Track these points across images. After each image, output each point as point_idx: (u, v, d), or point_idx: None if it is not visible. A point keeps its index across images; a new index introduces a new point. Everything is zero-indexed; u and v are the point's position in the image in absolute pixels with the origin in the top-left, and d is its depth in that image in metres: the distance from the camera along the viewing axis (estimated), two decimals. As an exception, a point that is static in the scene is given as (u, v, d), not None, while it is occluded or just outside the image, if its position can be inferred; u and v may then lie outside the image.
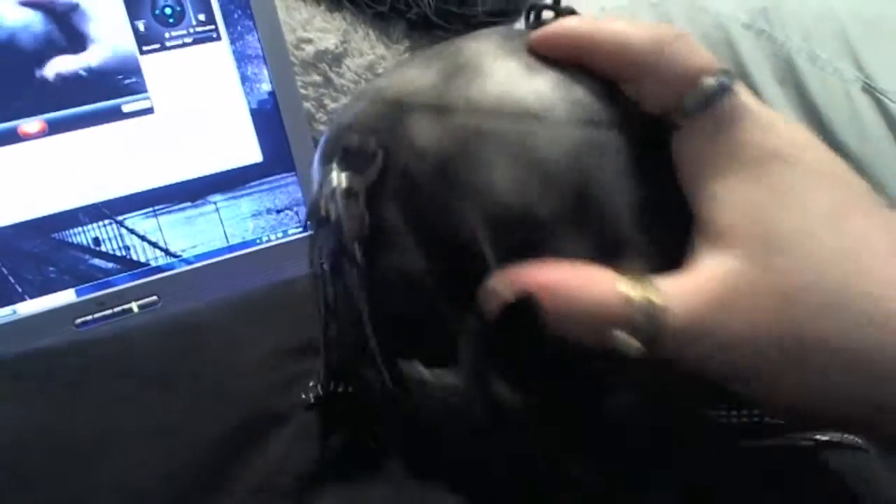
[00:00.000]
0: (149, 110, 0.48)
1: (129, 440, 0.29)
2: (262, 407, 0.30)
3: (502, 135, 0.24)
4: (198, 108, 0.49)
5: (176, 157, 0.49)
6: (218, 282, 0.49)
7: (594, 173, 0.24)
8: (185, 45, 0.49)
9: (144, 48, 0.48)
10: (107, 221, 0.48)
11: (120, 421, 0.30)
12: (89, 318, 0.48)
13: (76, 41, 0.46)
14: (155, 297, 0.49)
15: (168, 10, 0.48)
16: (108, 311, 0.47)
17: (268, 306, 0.38)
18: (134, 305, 0.48)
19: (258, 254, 0.52)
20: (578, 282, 0.22)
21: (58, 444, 0.29)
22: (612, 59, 0.23)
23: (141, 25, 0.47)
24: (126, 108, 0.48)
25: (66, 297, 0.48)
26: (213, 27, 0.49)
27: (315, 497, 0.28)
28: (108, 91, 0.47)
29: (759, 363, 0.21)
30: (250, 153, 0.51)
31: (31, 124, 0.46)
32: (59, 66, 0.46)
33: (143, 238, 0.50)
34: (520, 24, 0.28)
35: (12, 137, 0.45)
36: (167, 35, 0.48)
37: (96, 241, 0.49)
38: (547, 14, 0.27)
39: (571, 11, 0.26)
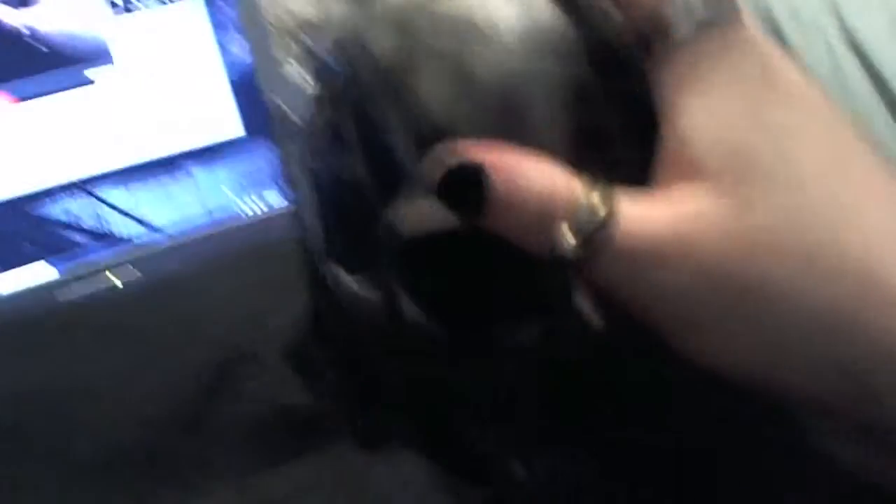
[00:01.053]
0: (116, 77, 0.47)
1: (105, 391, 0.29)
2: (233, 347, 0.31)
3: (445, 51, 0.23)
4: (171, 74, 0.48)
5: (150, 126, 0.48)
6: (201, 255, 0.49)
7: (530, 99, 0.23)
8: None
9: (113, 9, 0.46)
10: (83, 195, 0.47)
11: (95, 373, 0.30)
12: (71, 295, 0.47)
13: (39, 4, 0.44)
14: (138, 273, 0.48)
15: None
16: (92, 289, 0.46)
17: (232, 256, 0.39)
18: (116, 281, 0.47)
19: (241, 226, 0.51)
20: (532, 167, 0.21)
21: (35, 399, 0.29)
22: None
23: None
24: (91, 75, 0.46)
25: (46, 273, 0.47)
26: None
27: (289, 434, 0.29)
28: (74, 57, 0.45)
29: (708, 314, 0.19)
30: (230, 123, 0.50)
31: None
32: (19, 31, 0.44)
33: (120, 211, 0.49)
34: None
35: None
36: None
37: (73, 215, 0.47)
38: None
39: None
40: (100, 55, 0.46)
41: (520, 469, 0.26)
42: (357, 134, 0.26)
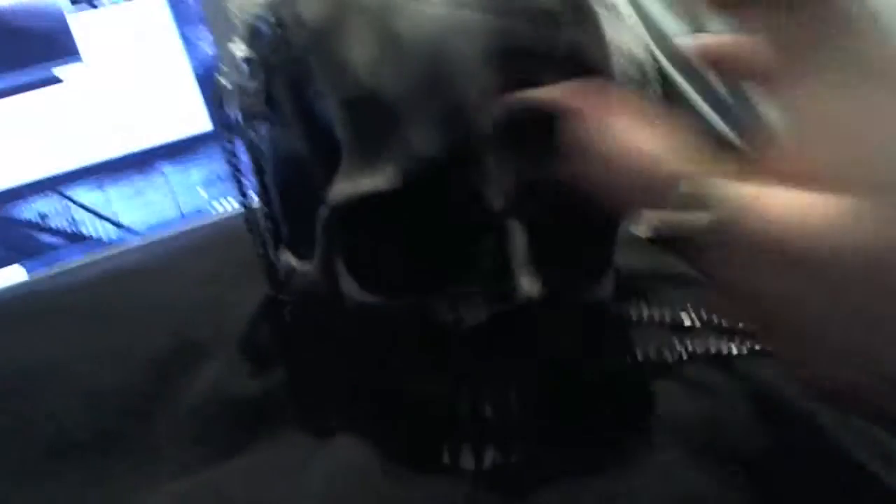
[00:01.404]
0: (83, 75, 0.46)
1: (58, 373, 0.29)
2: (188, 337, 0.31)
3: (368, 8, 0.23)
4: (138, 71, 0.48)
5: (119, 125, 0.48)
6: (166, 250, 0.48)
7: (454, 58, 0.22)
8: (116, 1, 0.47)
9: (74, 6, 0.46)
10: (53, 195, 0.47)
11: (49, 355, 0.30)
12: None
13: None
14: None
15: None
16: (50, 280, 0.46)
17: (197, 244, 0.38)
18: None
19: (212, 223, 0.51)
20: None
21: None
22: None
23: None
24: (59, 73, 0.46)
25: (16, 273, 0.47)
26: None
27: (242, 426, 0.28)
28: (40, 55, 0.45)
29: (835, 307, 0.18)
30: (197, 119, 0.50)
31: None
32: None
33: (91, 211, 0.48)
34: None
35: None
36: (100, -3, 0.46)
37: (43, 216, 0.47)
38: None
39: None
40: (68, 52, 0.46)
41: (468, 457, 0.25)
42: (290, 97, 0.25)
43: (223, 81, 0.27)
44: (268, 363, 0.30)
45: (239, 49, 0.26)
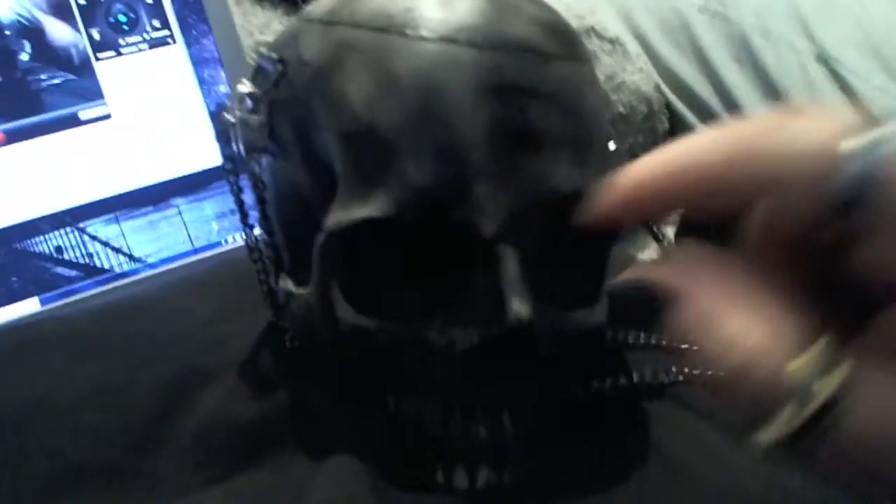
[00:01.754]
0: (106, 116, 0.48)
1: (61, 407, 0.29)
2: (192, 366, 0.31)
3: (365, 47, 0.24)
4: (156, 112, 0.50)
5: (136, 162, 0.50)
6: (174, 280, 0.49)
7: (446, 92, 0.23)
8: (140, 50, 0.49)
9: (99, 55, 0.48)
10: (69, 229, 0.49)
11: (52, 389, 0.30)
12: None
13: (30, 50, 0.46)
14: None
15: (122, 17, 0.48)
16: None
17: (202, 278, 0.39)
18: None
19: (221, 255, 0.52)
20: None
21: None
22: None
23: (95, 33, 0.48)
24: (83, 115, 0.48)
25: (31, 306, 0.48)
26: (167, 32, 0.50)
27: (245, 451, 0.29)
28: (65, 99, 0.47)
29: None
30: (210, 155, 0.51)
31: (-13, 134, 0.46)
32: (14, 74, 0.46)
33: (105, 244, 0.50)
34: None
35: (-31, 148, 0.45)
36: (122, 42, 0.49)
37: (59, 249, 0.49)
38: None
39: None
40: (93, 96, 0.48)
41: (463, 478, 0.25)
42: (291, 130, 0.26)
43: (229, 117, 0.28)
44: (269, 387, 0.31)
45: (244, 86, 0.27)
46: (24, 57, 0.46)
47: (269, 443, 0.30)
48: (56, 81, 0.47)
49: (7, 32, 0.46)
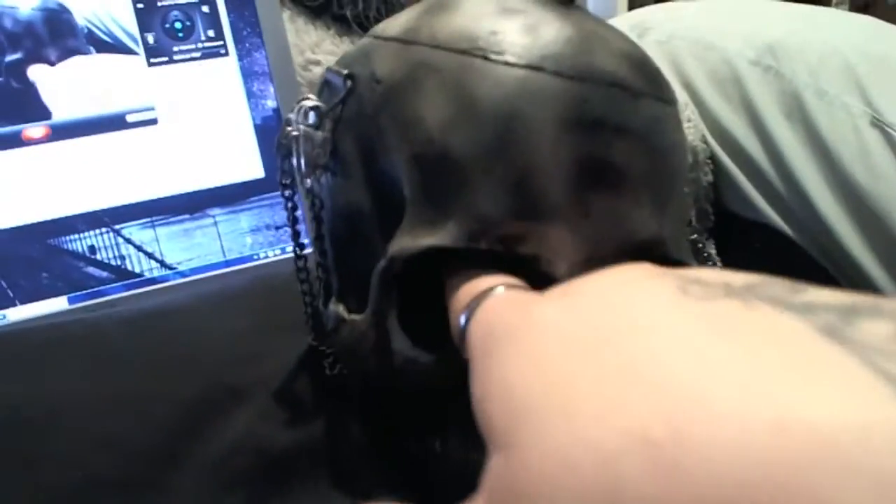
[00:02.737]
0: (153, 121, 0.48)
1: (82, 414, 0.29)
2: (220, 383, 0.30)
3: (444, 68, 0.23)
4: (202, 121, 0.50)
5: (177, 168, 0.49)
6: (205, 291, 0.49)
7: (528, 122, 0.22)
8: (192, 59, 0.49)
9: (152, 60, 0.48)
10: (104, 230, 0.48)
11: (74, 394, 0.29)
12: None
13: (85, 49, 0.47)
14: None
15: (178, 25, 0.49)
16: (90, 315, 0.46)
17: (238, 291, 0.38)
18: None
19: (254, 269, 0.51)
20: None
21: (11, 417, 0.28)
22: None
23: (150, 38, 0.48)
24: (130, 119, 0.48)
25: (58, 304, 0.47)
26: (221, 43, 0.50)
27: (274, 479, 0.28)
28: (114, 101, 0.47)
29: None
30: (252, 168, 0.51)
31: (34, 129, 0.46)
32: (66, 72, 0.46)
33: (139, 248, 0.49)
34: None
35: (15, 141, 0.45)
36: (176, 49, 0.49)
37: (92, 248, 0.48)
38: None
39: None
40: (142, 102, 0.48)
41: None
42: (356, 149, 0.25)
43: (291, 130, 0.28)
44: (304, 414, 0.30)
45: (309, 100, 0.27)
46: (78, 55, 0.47)
47: (301, 473, 0.28)
48: (106, 83, 0.47)
49: (65, 28, 0.46)
